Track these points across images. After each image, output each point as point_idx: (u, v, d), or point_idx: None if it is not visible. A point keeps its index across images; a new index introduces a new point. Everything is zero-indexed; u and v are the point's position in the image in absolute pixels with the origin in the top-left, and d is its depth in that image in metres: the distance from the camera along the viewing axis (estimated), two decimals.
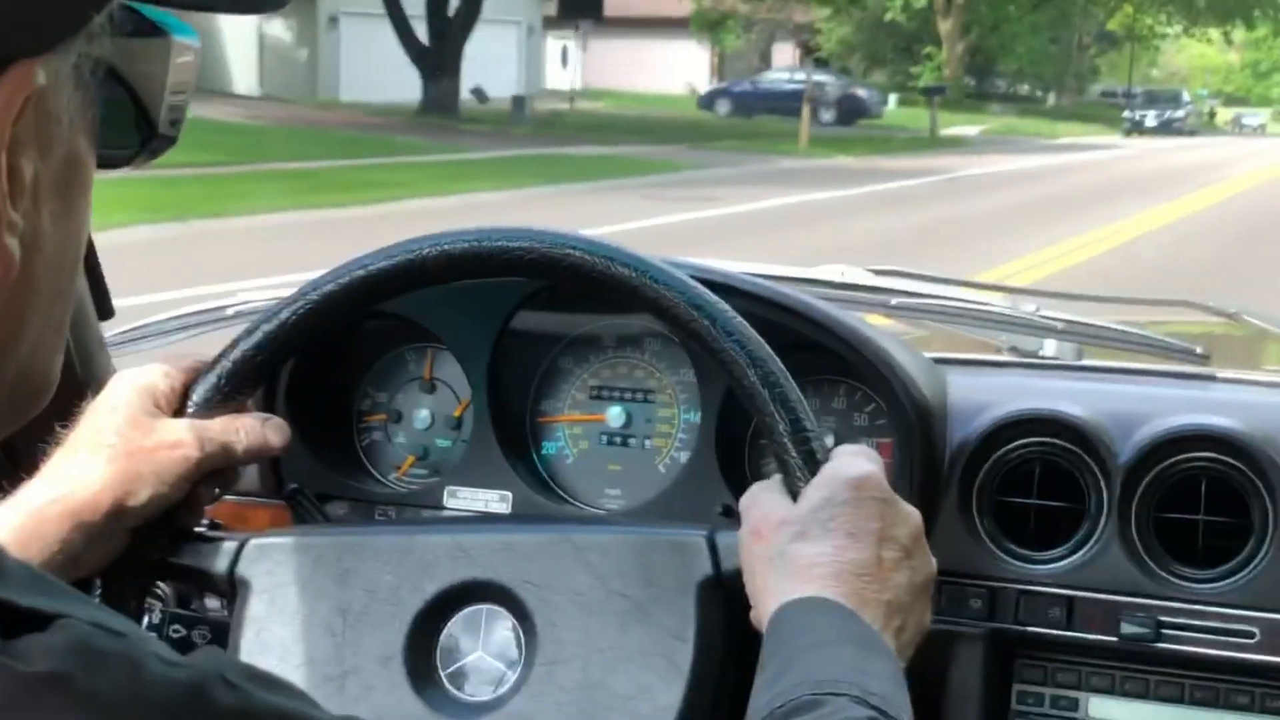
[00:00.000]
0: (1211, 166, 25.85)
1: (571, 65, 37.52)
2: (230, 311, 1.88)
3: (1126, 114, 44.98)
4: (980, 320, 1.84)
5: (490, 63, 32.61)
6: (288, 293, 1.23)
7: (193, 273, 8.50)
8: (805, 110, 25.69)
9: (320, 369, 1.56)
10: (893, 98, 40.84)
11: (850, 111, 36.10)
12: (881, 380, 1.39)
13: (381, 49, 26.56)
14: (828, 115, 35.63)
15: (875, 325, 1.47)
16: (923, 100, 43.49)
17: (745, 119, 33.78)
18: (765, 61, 42.60)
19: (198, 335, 1.92)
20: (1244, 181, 21.93)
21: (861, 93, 37.78)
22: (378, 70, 28.14)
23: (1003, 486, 1.42)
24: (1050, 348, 1.82)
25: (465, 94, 27.34)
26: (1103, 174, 23.07)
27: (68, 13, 0.58)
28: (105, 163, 0.68)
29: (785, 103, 35.52)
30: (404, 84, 26.43)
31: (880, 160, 24.03)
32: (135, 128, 0.72)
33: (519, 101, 26.47)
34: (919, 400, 1.38)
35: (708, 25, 34.27)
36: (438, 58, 25.63)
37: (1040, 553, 1.40)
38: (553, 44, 39.43)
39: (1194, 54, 70.76)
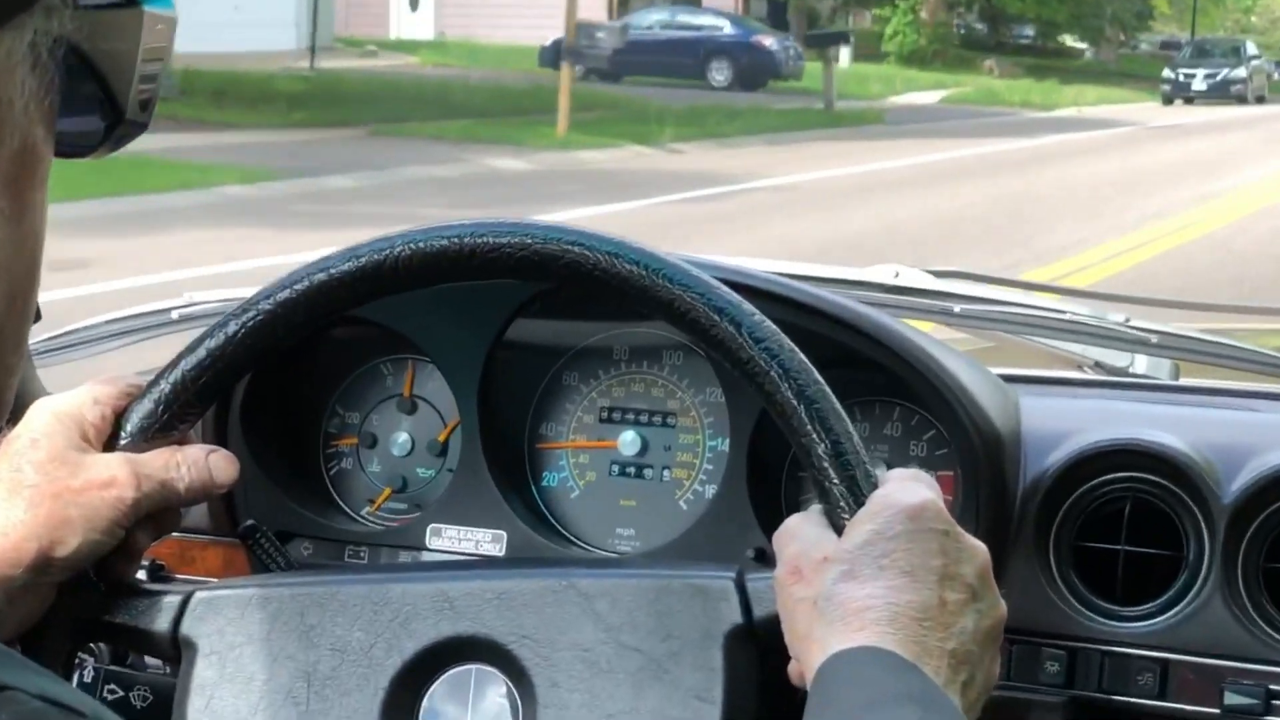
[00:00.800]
0: (1216, 167, 19.09)
1: (422, 9, 34.12)
2: (175, 315, 1.89)
3: (1167, 73, 37.25)
4: (1059, 331, 1.84)
5: (267, 7, 28.80)
6: (243, 293, 1.23)
7: None
8: (564, 75, 19.01)
9: (281, 385, 1.56)
10: (845, 51, 32.20)
11: (754, 70, 29.99)
12: (942, 403, 1.39)
13: None
14: (720, 76, 29.85)
15: (934, 337, 1.48)
16: (897, 56, 36.94)
17: (609, 83, 26.96)
18: (694, 1, 34.47)
19: (137, 343, 1.92)
20: (1224, 214, 14.69)
21: (769, 43, 30.78)
22: None
23: (1085, 530, 1.42)
24: (1142, 364, 1.82)
25: None
26: (996, 189, 16.16)
27: None
28: (65, 152, 0.68)
29: (672, 57, 29.71)
30: None
31: (689, 152, 18.48)
32: (101, 113, 0.73)
33: None
34: (987, 427, 1.38)
35: None
36: None
37: (1129, 608, 1.40)
38: None
39: None
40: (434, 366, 1.55)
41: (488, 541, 1.48)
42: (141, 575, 1.48)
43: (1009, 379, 1.54)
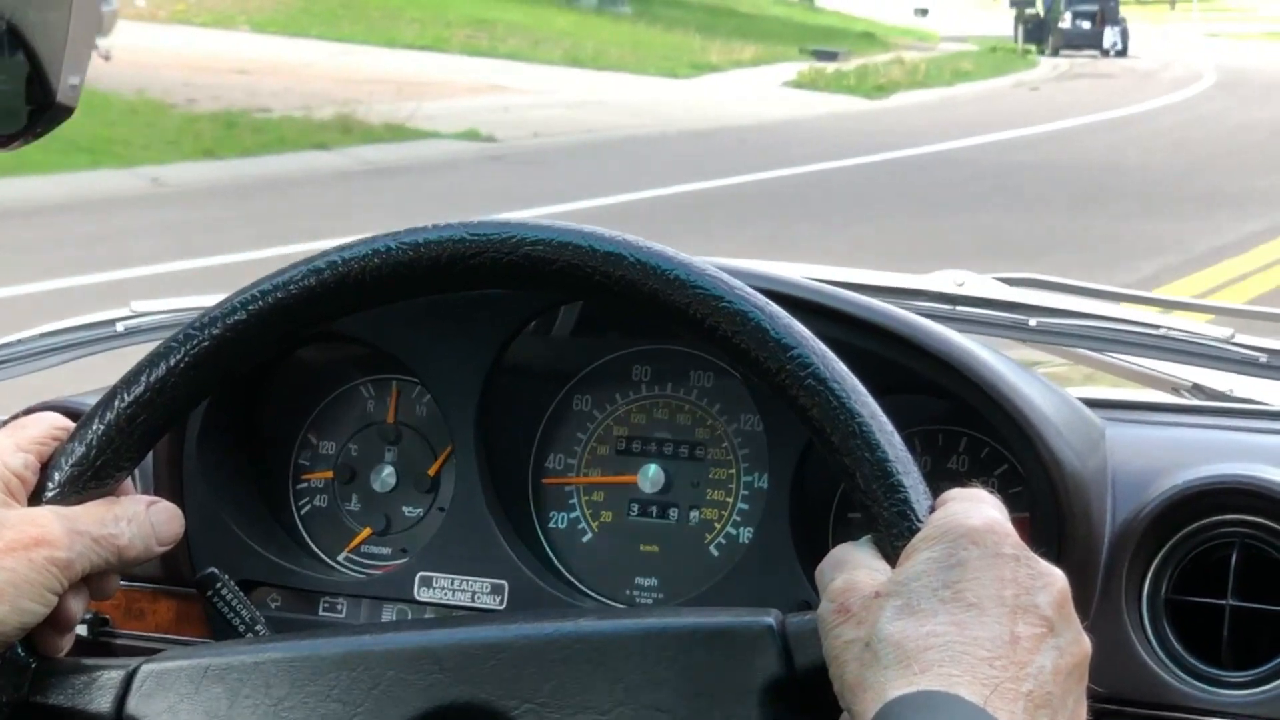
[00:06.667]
0: None
1: None
2: (119, 328, 1.89)
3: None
4: (1152, 349, 1.84)
5: None
6: (196, 302, 1.23)
7: None
8: None
9: (244, 410, 1.57)
10: None
11: None
12: (1016, 433, 1.39)
13: None
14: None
15: (1006, 355, 1.48)
16: None
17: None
18: None
19: (77, 360, 1.93)
20: None
21: None
22: None
23: (1184, 583, 1.42)
24: (1248, 388, 1.81)
25: None
26: None
27: None
28: None
29: None
30: None
31: None
32: (27, 95, 0.73)
33: None
34: (1068, 461, 1.38)
35: None
36: None
37: (1236, 674, 1.40)
38: None
39: None
40: (423, 388, 1.55)
41: (486, 593, 1.48)
42: (82, 631, 1.48)
43: (1093, 404, 1.54)
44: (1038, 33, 41.67)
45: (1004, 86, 30.61)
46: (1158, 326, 1.87)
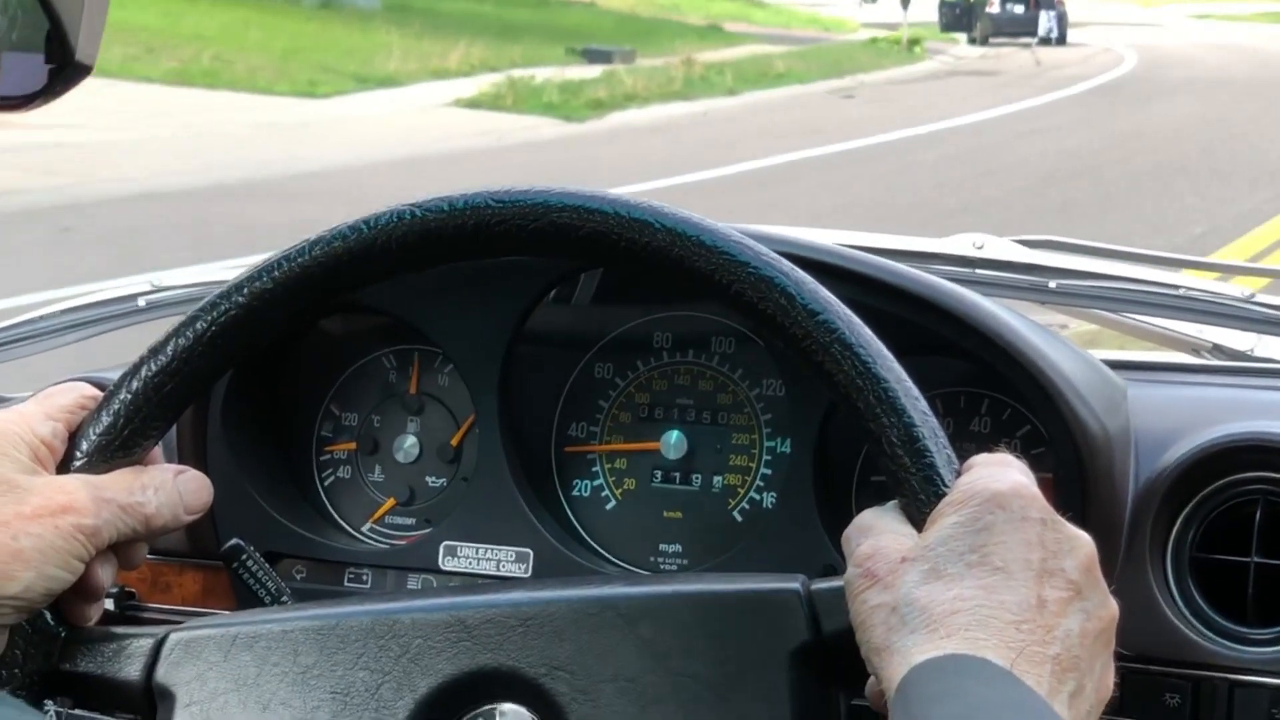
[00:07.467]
0: None
1: None
2: (141, 302, 1.90)
3: None
4: (1172, 309, 1.84)
5: None
6: (217, 277, 1.23)
7: None
8: None
9: (267, 382, 1.57)
10: None
11: None
12: (1039, 394, 1.39)
13: None
14: None
15: (1027, 317, 1.48)
16: None
17: None
18: None
19: (99, 334, 1.94)
20: None
21: None
22: None
23: (1208, 540, 1.42)
24: (1269, 347, 1.81)
25: None
26: None
27: None
28: (3, 104, 0.69)
29: None
30: None
31: None
32: (47, 54, 0.73)
33: None
34: (1091, 422, 1.38)
35: None
36: None
37: (1261, 630, 1.40)
38: None
39: None
40: (445, 358, 1.55)
41: (510, 561, 1.49)
42: (109, 605, 1.49)
43: (1115, 366, 1.54)
44: (966, 19, 39.33)
45: (814, 95, 24.67)
46: (1178, 287, 1.86)
